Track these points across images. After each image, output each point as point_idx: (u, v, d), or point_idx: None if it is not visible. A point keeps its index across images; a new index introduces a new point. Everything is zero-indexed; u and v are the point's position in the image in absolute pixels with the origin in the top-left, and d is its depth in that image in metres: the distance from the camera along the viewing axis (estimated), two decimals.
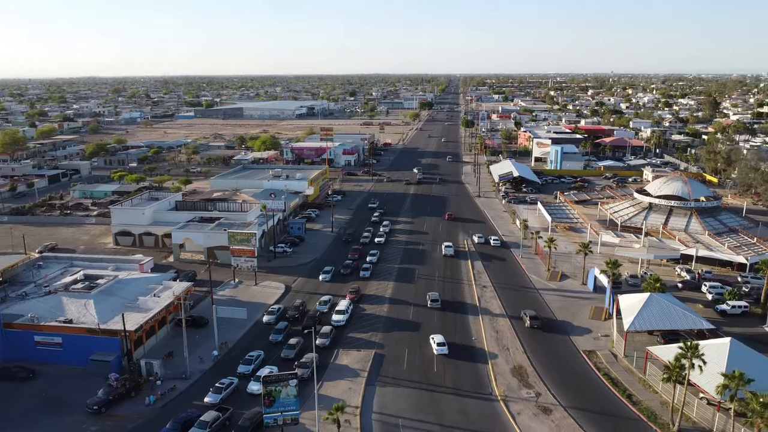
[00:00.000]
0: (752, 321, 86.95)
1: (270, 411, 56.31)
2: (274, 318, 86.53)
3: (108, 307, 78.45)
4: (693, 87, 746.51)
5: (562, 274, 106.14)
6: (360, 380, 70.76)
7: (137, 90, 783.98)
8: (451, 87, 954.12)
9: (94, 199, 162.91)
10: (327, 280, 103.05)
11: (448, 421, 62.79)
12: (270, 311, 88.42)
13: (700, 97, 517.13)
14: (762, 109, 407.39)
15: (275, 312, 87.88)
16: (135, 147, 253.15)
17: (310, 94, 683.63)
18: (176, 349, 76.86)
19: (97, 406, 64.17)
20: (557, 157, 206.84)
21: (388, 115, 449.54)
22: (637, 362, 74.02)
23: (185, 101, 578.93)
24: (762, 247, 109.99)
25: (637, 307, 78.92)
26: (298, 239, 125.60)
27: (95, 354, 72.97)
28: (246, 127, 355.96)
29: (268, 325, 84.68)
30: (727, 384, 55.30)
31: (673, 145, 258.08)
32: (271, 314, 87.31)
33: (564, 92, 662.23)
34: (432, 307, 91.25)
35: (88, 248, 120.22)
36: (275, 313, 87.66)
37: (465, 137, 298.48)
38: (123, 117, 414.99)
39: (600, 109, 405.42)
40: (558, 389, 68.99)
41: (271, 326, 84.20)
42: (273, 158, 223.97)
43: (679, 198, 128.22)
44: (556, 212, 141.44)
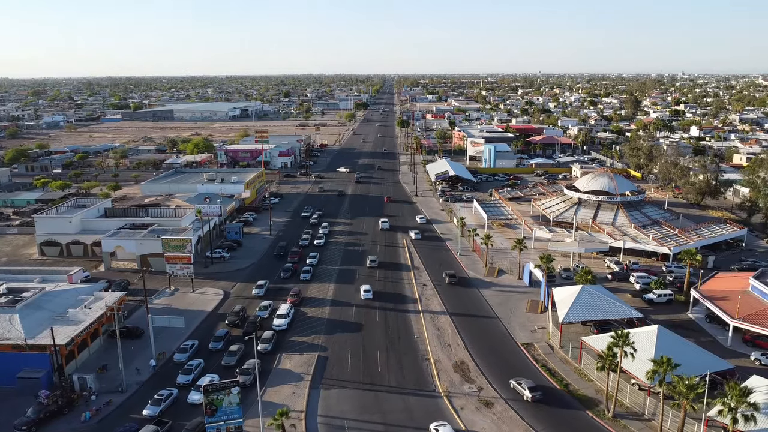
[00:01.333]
0: (677, 308, 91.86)
1: (212, 420, 55.02)
2: (186, 356, 76.42)
3: (35, 322, 74.63)
4: (615, 86, 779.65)
5: (499, 269, 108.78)
6: (304, 384, 70.29)
7: (59, 92, 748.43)
8: (386, 87, 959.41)
9: (16, 207, 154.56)
10: (260, 294, 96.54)
11: (392, 420, 63.32)
12: (182, 348, 77.94)
13: (623, 96, 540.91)
14: (679, 107, 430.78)
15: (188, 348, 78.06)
16: (59, 152, 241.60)
17: (243, 96, 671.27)
18: (111, 361, 74.18)
19: (26, 427, 60.97)
20: (491, 155, 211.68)
21: (323, 116, 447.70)
22: (572, 352, 76.83)
23: (111, 104, 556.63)
24: (683, 237, 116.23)
25: (570, 300, 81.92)
26: (235, 244, 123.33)
27: (23, 371, 69.43)
28: (177, 129, 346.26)
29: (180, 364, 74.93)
30: (656, 369, 58.20)
31: (599, 142, 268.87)
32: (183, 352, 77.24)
33: (495, 92, 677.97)
34: (365, 298, 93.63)
35: (11, 260, 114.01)
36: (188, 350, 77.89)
37: (401, 137, 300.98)
38: (44, 120, 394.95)
39: (530, 108, 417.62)
40: (499, 383, 70.72)
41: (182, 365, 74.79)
42: (207, 161, 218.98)
43: (606, 193, 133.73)
44: (491, 209, 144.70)
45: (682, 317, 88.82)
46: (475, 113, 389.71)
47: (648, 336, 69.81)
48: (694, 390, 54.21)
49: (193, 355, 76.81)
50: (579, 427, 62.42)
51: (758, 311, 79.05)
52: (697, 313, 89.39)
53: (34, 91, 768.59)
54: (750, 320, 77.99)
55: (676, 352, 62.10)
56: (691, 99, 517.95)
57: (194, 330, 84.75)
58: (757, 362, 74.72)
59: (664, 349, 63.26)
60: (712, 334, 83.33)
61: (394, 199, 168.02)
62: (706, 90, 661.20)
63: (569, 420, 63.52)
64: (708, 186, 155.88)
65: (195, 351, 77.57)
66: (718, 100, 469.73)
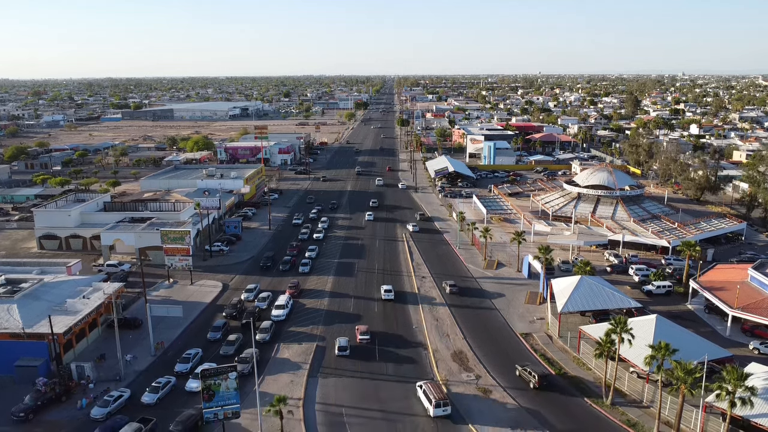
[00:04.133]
0: (676, 299, 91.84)
1: (210, 406, 54.94)
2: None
3: (33, 311, 74.50)
4: (615, 86, 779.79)
5: (498, 262, 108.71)
6: (302, 373, 70.21)
7: (59, 93, 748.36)
8: (386, 88, 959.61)
9: (15, 203, 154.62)
10: (250, 299, 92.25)
11: (391, 407, 63.18)
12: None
13: (623, 95, 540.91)
14: (678, 106, 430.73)
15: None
16: (59, 150, 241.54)
17: (243, 96, 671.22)
18: (109, 351, 74.06)
19: (23, 414, 60.89)
20: (490, 152, 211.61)
21: (323, 115, 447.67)
22: (571, 342, 76.76)
23: (111, 103, 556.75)
24: (683, 231, 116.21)
25: (569, 290, 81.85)
26: (234, 238, 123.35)
27: (21, 360, 69.32)
28: (177, 128, 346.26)
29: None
30: (654, 355, 58.15)
31: (598, 140, 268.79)
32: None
33: (495, 92, 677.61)
34: (386, 298, 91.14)
35: (10, 253, 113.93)
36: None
37: (401, 135, 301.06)
38: (45, 120, 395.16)
39: (529, 107, 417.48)
40: (497, 371, 70.66)
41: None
42: (206, 159, 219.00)
43: (606, 188, 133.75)
44: (490, 205, 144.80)
45: (681, 308, 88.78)
46: (475, 112, 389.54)
47: (647, 324, 69.72)
48: (692, 375, 54.12)
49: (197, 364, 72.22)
50: (577, 414, 62.32)
51: (757, 301, 79.02)
52: (696, 304, 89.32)
53: (34, 91, 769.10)
54: (749, 310, 77.95)
55: (675, 340, 61.83)
56: (691, 99, 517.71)
57: (192, 321, 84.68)
58: (756, 351, 74.66)
59: (663, 338, 62.94)
60: (711, 324, 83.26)
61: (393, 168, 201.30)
62: (706, 90, 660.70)
63: (567, 407, 63.42)
64: (707, 182, 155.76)
65: (199, 359, 73.42)
66: (718, 100, 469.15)
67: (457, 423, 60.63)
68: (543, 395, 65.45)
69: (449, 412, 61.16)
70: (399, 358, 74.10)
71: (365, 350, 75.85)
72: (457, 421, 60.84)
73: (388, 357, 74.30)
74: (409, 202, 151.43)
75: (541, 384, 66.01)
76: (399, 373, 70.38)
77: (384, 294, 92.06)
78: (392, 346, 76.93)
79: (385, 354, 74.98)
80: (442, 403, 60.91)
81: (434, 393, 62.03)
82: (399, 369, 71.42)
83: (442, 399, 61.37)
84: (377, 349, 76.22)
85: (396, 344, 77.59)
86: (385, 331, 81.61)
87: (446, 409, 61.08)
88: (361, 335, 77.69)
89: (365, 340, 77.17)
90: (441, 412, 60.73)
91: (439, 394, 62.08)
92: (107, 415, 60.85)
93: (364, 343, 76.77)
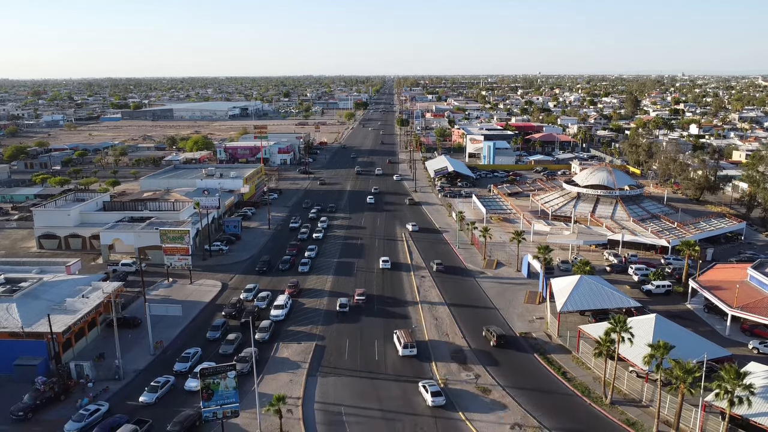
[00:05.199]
0: (675, 299, 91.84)
1: (209, 405, 54.89)
2: None
3: (33, 310, 74.41)
4: (615, 86, 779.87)
5: (498, 262, 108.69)
6: (301, 372, 70.19)
7: (59, 92, 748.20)
8: (386, 88, 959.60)
9: (15, 203, 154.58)
10: (249, 299, 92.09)
11: (390, 406, 63.17)
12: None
13: (623, 95, 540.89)
14: (678, 106, 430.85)
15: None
16: (58, 149, 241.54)
17: (243, 96, 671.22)
18: (108, 350, 74.07)
19: (22, 413, 60.88)
20: (490, 152, 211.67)
21: (323, 115, 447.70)
22: (570, 342, 76.71)
23: (111, 103, 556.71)
24: (682, 231, 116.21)
25: (568, 289, 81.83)
26: (234, 237, 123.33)
27: (20, 359, 69.33)
28: (177, 128, 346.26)
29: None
30: (653, 354, 58.14)
31: (598, 140, 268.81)
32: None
33: (495, 92, 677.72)
34: (383, 267, 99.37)
35: (9, 253, 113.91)
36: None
37: (400, 135, 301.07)
38: (44, 120, 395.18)
39: (529, 107, 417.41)
40: (496, 370, 70.64)
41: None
42: (206, 158, 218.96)
43: (605, 187, 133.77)
44: (490, 204, 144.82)
45: (681, 308, 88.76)
46: (475, 112, 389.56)
47: (646, 324, 69.71)
48: (692, 374, 54.09)
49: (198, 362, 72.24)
50: (577, 413, 62.32)
51: (756, 300, 78.99)
52: (695, 304, 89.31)
53: (34, 91, 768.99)
54: (748, 309, 77.93)
55: (674, 339, 61.81)
56: (690, 99, 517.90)
57: (192, 320, 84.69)
58: (755, 350, 74.61)
59: (662, 337, 62.89)
60: (711, 324, 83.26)
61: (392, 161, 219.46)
62: (705, 90, 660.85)
63: (567, 406, 63.39)
64: (707, 181, 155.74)
65: (198, 358, 73.32)
66: (717, 100, 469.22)
67: (449, 410, 62.96)
68: (542, 394, 65.64)
69: (415, 353, 73.53)
70: (398, 358, 74.06)
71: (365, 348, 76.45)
72: (449, 408, 63.42)
73: (387, 356, 74.40)
74: (401, 189, 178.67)
75: (498, 342, 76.09)
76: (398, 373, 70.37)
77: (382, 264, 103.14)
78: (391, 345, 76.95)
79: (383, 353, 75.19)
80: (409, 345, 73.74)
81: (404, 338, 74.45)
82: (398, 368, 71.41)
83: (410, 342, 73.97)
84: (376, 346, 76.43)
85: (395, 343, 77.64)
86: (385, 330, 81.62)
87: (413, 350, 73.70)
88: (357, 297, 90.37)
89: (361, 300, 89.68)
90: (408, 352, 73.40)
91: (408, 338, 74.73)
92: (80, 430, 58.33)
93: (361, 303, 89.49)
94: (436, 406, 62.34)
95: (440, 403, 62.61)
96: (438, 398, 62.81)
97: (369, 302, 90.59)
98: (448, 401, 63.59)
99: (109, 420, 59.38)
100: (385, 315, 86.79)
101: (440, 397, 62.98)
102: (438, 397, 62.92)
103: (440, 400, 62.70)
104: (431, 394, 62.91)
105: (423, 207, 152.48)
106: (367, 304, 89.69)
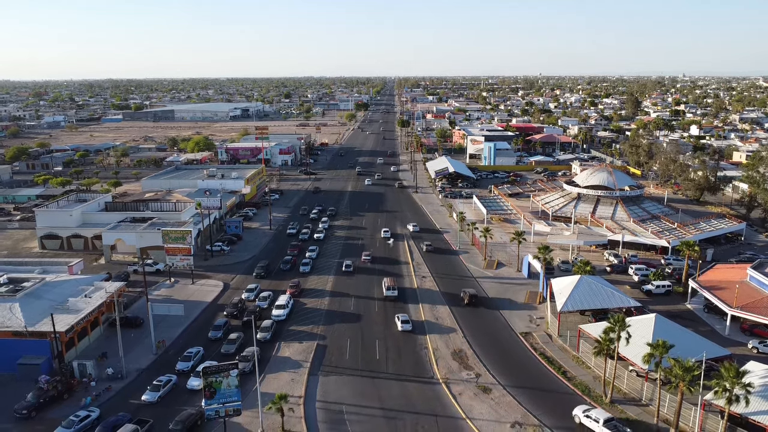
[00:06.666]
0: (675, 299, 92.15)
1: (211, 403, 55.26)
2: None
3: (36, 310, 74.87)
4: (616, 87, 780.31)
5: (498, 262, 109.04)
6: (302, 371, 70.56)
7: (60, 93, 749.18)
8: (387, 89, 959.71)
9: (17, 203, 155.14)
10: (251, 298, 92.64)
11: (391, 405, 63.55)
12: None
13: (623, 96, 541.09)
14: (679, 107, 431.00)
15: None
16: (60, 150, 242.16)
17: (244, 97, 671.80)
18: (110, 350, 74.51)
19: (26, 411, 61.32)
20: (491, 153, 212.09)
21: (324, 116, 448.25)
22: (570, 341, 77.04)
23: (113, 104, 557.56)
24: (682, 231, 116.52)
25: (569, 289, 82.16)
26: (235, 237, 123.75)
27: (23, 358, 69.79)
28: (178, 129, 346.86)
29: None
30: (652, 353, 58.46)
31: (599, 141, 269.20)
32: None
33: (495, 93, 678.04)
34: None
35: (11, 253, 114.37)
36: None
37: (401, 136, 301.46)
38: (45, 120, 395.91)
39: (530, 108, 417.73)
40: (497, 369, 71.01)
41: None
42: (207, 159, 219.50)
43: (605, 188, 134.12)
44: (491, 205, 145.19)
45: (681, 308, 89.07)
46: (476, 113, 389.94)
47: (646, 323, 70.00)
48: (691, 372, 54.40)
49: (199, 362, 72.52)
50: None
51: (756, 300, 79.29)
52: (695, 304, 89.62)
53: (35, 92, 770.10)
54: (748, 309, 78.24)
55: (674, 338, 62.09)
56: (691, 100, 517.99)
57: (194, 320, 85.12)
58: (755, 350, 74.92)
59: (662, 336, 63.17)
60: (710, 323, 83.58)
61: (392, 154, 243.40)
62: (706, 91, 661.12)
63: (566, 405, 63.67)
64: (707, 182, 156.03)
65: (200, 358, 73.43)
66: (718, 101, 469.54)
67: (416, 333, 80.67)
68: (542, 393, 66.01)
69: (396, 294, 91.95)
70: (399, 357, 74.50)
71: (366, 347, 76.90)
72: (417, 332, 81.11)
73: (389, 356, 74.87)
74: (395, 176, 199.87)
75: (470, 301, 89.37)
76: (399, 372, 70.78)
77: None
78: (392, 345, 77.31)
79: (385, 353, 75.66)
80: (392, 288, 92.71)
81: (388, 283, 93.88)
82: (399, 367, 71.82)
83: (392, 285, 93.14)
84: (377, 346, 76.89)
85: (396, 342, 77.94)
86: (386, 330, 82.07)
87: (394, 292, 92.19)
88: (364, 257, 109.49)
89: (368, 260, 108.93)
90: (390, 293, 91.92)
91: (391, 282, 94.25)
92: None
93: (367, 263, 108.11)
94: (404, 330, 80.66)
95: (408, 328, 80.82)
96: (406, 325, 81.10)
97: (373, 262, 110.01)
98: (416, 328, 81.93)
99: (111, 419, 59.53)
100: (381, 274, 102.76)
101: (408, 324, 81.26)
102: (406, 324, 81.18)
103: (408, 327, 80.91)
104: (401, 322, 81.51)
105: (424, 207, 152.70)
106: (372, 264, 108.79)
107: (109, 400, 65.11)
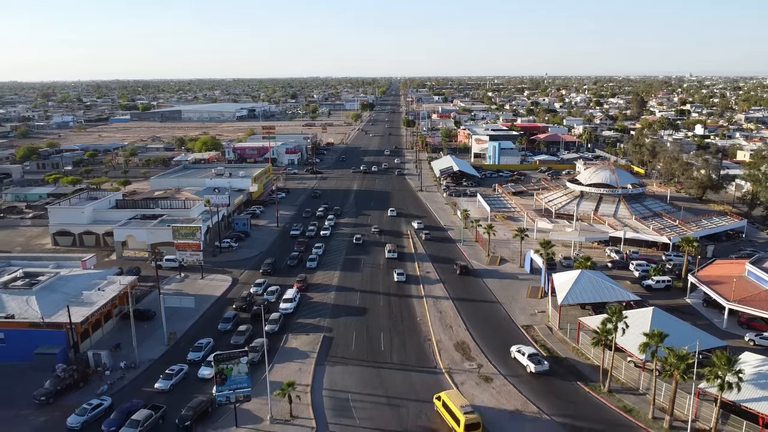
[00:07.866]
0: (675, 294, 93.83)
1: (222, 389, 57.54)
2: None
3: (51, 303, 77.30)
4: (622, 87, 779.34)
5: (501, 258, 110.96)
6: (310, 361, 72.75)
7: (68, 94, 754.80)
8: (392, 89, 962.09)
9: (29, 201, 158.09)
10: (258, 293, 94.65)
11: (395, 393, 65.67)
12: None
13: (629, 96, 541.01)
14: (684, 107, 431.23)
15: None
16: (69, 150, 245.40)
17: (250, 97, 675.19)
18: (123, 341, 76.87)
19: (44, 397, 63.76)
20: (495, 152, 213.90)
21: (330, 116, 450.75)
22: (570, 334, 78.93)
23: (120, 105, 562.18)
24: (684, 228, 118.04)
25: (569, 283, 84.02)
26: (243, 234, 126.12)
27: (40, 348, 72.20)
28: (185, 129, 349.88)
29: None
30: (647, 342, 60.32)
31: (603, 140, 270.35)
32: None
33: (501, 93, 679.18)
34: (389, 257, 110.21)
35: (25, 249, 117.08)
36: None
37: (406, 136, 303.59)
38: (54, 121, 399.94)
39: (535, 108, 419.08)
40: (498, 360, 73.00)
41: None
42: (214, 159, 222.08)
43: (608, 186, 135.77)
44: (494, 203, 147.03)
45: (680, 302, 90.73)
46: (481, 113, 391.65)
47: (643, 315, 71.82)
48: (684, 360, 56.20)
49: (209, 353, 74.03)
50: (575, 400, 64.54)
51: (753, 294, 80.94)
52: (694, 298, 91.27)
53: (43, 93, 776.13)
54: (745, 303, 79.89)
55: (671, 330, 63.84)
56: (697, 99, 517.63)
57: (203, 313, 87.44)
58: (751, 342, 76.62)
59: (659, 328, 65.00)
60: (709, 317, 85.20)
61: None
62: (713, 91, 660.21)
63: (566, 394, 65.64)
64: (710, 180, 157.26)
65: (211, 348, 75.41)
66: (724, 101, 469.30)
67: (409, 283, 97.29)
68: (542, 382, 67.93)
69: (396, 256, 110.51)
70: (404, 348, 76.53)
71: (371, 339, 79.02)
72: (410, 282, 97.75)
73: (393, 347, 76.88)
74: (398, 167, 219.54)
75: (461, 271, 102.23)
76: (403, 362, 72.86)
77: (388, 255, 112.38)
78: (397, 337, 79.38)
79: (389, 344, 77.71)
80: (393, 251, 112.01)
81: (391, 247, 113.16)
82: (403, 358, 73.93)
83: (394, 249, 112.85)
84: (381, 337, 78.89)
85: (400, 334, 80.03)
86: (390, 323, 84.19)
87: (394, 254, 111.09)
88: (374, 229, 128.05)
89: (376, 231, 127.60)
90: (392, 255, 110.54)
91: (392, 246, 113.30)
92: (83, 424, 59.45)
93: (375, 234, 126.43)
94: (399, 281, 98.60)
95: (402, 279, 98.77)
96: (401, 276, 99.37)
97: (380, 234, 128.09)
98: (408, 278, 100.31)
99: (126, 405, 61.73)
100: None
101: (402, 276, 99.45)
102: (401, 276, 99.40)
103: (402, 278, 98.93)
104: (396, 275, 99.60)
105: (428, 205, 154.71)
106: (379, 235, 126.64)
107: (123, 388, 67.46)
